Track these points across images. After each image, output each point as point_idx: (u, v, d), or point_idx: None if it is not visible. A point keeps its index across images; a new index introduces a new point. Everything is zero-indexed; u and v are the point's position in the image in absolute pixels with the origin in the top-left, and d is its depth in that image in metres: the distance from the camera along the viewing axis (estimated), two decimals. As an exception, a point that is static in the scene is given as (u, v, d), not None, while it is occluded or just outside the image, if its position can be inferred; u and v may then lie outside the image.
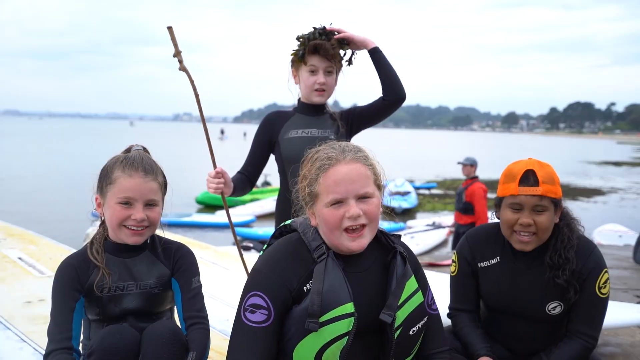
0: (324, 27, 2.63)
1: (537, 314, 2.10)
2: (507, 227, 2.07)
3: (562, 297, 2.06)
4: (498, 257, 2.16)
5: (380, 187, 1.72)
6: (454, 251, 2.28)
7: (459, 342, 2.20)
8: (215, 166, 2.49)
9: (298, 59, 2.62)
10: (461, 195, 7.36)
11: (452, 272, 2.27)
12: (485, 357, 2.08)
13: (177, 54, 2.34)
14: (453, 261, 2.27)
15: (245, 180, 2.70)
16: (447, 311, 2.29)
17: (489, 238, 2.20)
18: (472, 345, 2.13)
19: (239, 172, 2.71)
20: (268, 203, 13.61)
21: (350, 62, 2.72)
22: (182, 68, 2.35)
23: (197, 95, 2.39)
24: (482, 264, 2.18)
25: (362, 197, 1.65)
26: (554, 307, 2.08)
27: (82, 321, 1.87)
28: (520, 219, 2.02)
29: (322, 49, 2.56)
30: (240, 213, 12.74)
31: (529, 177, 2.01)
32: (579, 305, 2.06)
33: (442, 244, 9.38)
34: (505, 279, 2.14)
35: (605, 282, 2.06)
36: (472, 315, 2.23)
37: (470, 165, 7.35)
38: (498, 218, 2.17)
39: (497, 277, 2.15)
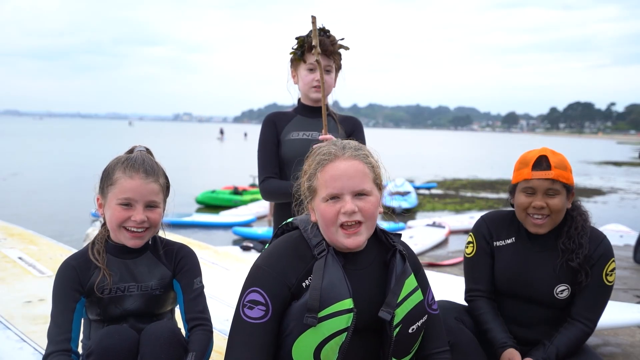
0: (323, 27, 2.63)
1: (545, 296, 2.16)
2: (521, 211, 2.16)
3: (572, 280, 2.13)
4: (513, 238, 2.24)
5: (380, 187, 1.73)
6: (470, 233, 2.33)
7: (475, 322, 2.23)
8: (326, 132, 2.54)
9: (297, 58, 2.62)
10: None
11: (469, 254, 2.31)
12: (512, 349, 2.12)
13: (315, 45, 2.48)
14: (469, 242, 2.31)
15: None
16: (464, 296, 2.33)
17: (505, 221, 2.29)
18: (494, 333, 2.17)
19: (271, 178, 2.64)
20: (269, 203, 13.60)
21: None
22: (317, 60, 2.49)
23: (322, 83, 2.54)
24: (498, 243, 2.26)
25: (359, 194, 1.66)
26: (562, 291, 2.15)
27: (83, 320, 1.87)
28: (534, 202, 2.10)
29: (323, 47, 2.56)
30: (241, 213, 12.74)
31: (541, 162, 2.11)
32: (584, 290, 2.13)
33: (442, 243, 9.37)
34: (518, 260, 2.21)
35: (612, 270, 2.14)
36: (491, 300, 2.27)
37: None
38: (512, 205, 2.24)
39: (510, 257, 2.22)
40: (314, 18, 2.47)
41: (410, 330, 1.72)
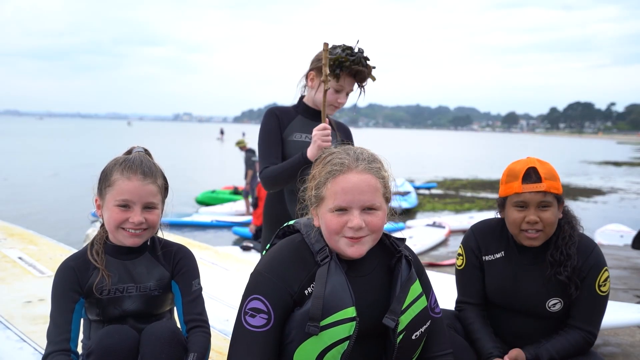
0: (362, 52, 2.54)
1: (537, 310, 2.13)
2: (515, 226, 2.10)
3: (563, 293, 2.09)
4: (503, 252, 2.20)
5: (388, 200, 1.70)
6: (460, 245, 2.30)
7: (465, 332, 2.21)
8: (324, 121, 2.43)
9: (333, 73, 2.49)
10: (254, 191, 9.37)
11: (459, 266, 2.29)
12: (499, 359, 2.09)
13: (325, 75, 2.36)
14: (459, 254, 2.29)
15: None
16: (454, 306, 2.30)
17: (494, 233, 2.24)
18: (482, 342, 2.14)
19: (272, 165, 2.57)
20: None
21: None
22: (325, 88, 2.40)
23: (324, 103, 2.43)
24: (487, 258, 2.22)
25: (368, 209, 1.63)
26: (554, 304, 2.11)
27: (82, 320, 1.87)
28: (527, 216, 2.05)
29: (359, 76, 2.54)
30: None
31: (531, 174, 2.05)
32: (579, 303, 2.09)
33: (442, 243, 9.37)
34: (508, 274, 2.17)
35: (605, 280, 2.09)
36: (480, 310, 2.25)
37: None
38: (502, 218, 2.20)
39: (500, 272, 2.19)
40: (325, 45, 2.36)
41: (413, 337, 1.70)
